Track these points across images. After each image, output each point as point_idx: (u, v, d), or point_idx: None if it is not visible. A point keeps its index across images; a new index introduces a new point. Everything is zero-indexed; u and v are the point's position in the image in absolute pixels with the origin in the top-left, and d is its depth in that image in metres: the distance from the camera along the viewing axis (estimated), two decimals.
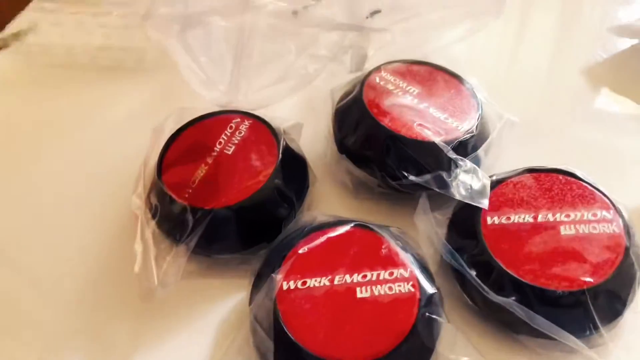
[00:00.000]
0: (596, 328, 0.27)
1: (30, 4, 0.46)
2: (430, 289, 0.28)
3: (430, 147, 0.32)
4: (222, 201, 0.31)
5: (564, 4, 0.50)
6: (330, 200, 0.36)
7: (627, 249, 0.29)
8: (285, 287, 0.27)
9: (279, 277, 0.28)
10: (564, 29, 0.48)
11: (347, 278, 0.28)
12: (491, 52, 0.44)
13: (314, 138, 0.37)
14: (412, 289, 0.27)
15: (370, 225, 0.30)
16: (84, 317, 0.31)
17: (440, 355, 0.27)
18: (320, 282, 0.27)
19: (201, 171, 0.33)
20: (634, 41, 0.42)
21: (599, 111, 0.42)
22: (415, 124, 0.33)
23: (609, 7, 0.48)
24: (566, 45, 0.46)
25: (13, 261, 0.34)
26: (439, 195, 0.32)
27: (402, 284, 0.27)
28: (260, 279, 0.29)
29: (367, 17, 0.34)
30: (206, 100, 0.34)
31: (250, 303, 0.29)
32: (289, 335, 0.26)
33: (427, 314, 0.27)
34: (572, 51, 0.46)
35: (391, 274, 0.28)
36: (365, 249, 0.29)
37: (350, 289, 0.27)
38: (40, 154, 0.40)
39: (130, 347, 0.30)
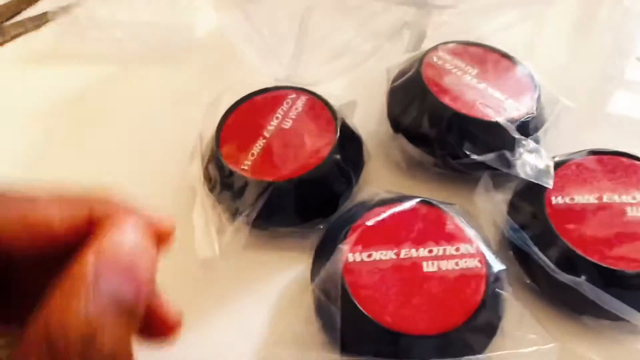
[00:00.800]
0: None
1: None
2: (497, 265, 0.27)
3: (494, 127, 0.32)
4: (283, 174, 0.31)
5: None
6: (384, 179, 0.36)
7: None
8: (351, 258, 0.27)
9: (345, 247, 0.28)
10: (618, 14, 0.47)
11: (413, 252, 0.27)
12: (544, 38, 0.43)
13: (365, 117, 0.37)
14: (479, 265, 0.27)
15: (435, 202, 0.29)
16: None
17: (507, 332, 0.27)
18: (386, 255, 0.27)
19: (259, 144, 0.32)
20: None
21: None
22: (477, 103, 0.33)
23: None
24: (621, 32, 0.46)
25: None
26: (496, 176, 0.32)
27: (468, 259, 0.27)
28: (323, 251, 0.29)
29: None
30: (263, 73, 0.34)
31: (312, 275, 0.29)
32: (358, 305, 0.26)
33: (495, 289, 0.27)
34: (628, 38, 0.45)
35: (457, 249, 0.27)
36: (431, 224, 0.29)
37: (417, 263, 0.27)
38: (95, 128, 0.40)
39: (189, 313, 0.30)
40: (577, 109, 0.36)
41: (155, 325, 0.22)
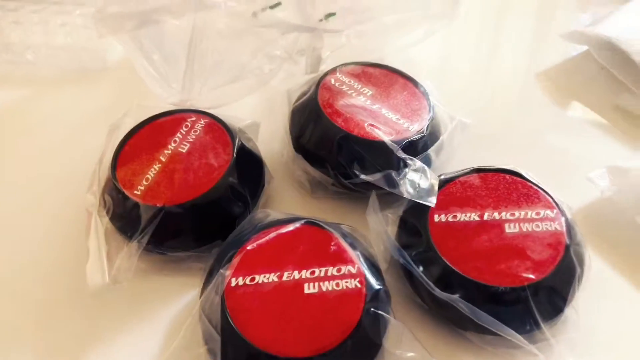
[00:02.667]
0: (537, 324, 0.28)
1: None
2: (376, 285, 0.28)
3: (380, 147, 0.33)
4: (175, 198, 0.31)
5: (519, 10, 0.52)
6: (287, 199, 0.37)
7: (567, 247, 0.29)
8: (233, 283, 0.28)
9: (227, 273, 0.28)
10: (518, 34, 0.49)
11: (296, 274, 0.28)
12: (446, 56, 0.45)
13: (271, 137, 0.38)
14: (359, 285, 0.28)
15: (321, 223, 0.30)
16: (35, 314, 0.31)
17: (386, 351, 0.28)
18: (268, 278, 0.28)
19: (155, 169, 0.33)
20: (584, 47, 0.43)
21: (549, 114, 0.43)
22: (366, 124, 0.34)
23: (562, 14, 0.50)
24: (520, 50, 0.48)
25: None
26: (392, 194, 0.32)
27: (349, 280, 0.28)
28: (210, 276, 0.29)
29: (321, 20, 0.34)
30: (161, 98, 0.34)
31: (200, 299, 0.29)
32: (236, 330, 0.26)
33: (372, 309, 0.27)
34: (525, 56, 0.47)
35: (339, 270, 0.28)
36: (315, 246, 0.29)
37: (298, 285, 0.28)
38: (2, 150, 0.40)
39: (80, 344, 0.30)
40: (474, 126, 0.37)
41: None
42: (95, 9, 0.29)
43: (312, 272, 0.28)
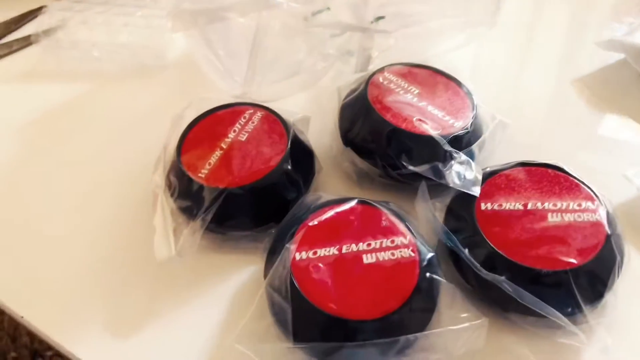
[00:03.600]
0: (579, 307, 0.30)
1: (61, 3, 0.49)
2: (428, 253, 0.30)
3: (428, 140, 0.35)
4: (236, 182, 0.34)
5: (557, 18, 0.54)
6: (335, 189, 0.39)
7: (608, 236, 0.31)
8: (298, 257, 0.30)
9: (292, 247, 0.30)
10: (557, 41, 0.51)
11: (354, 247, 0.30)
12: (487, 61, 0.47)
13: (320, 131, 0.40)
14: (412, 254, 0.30)
15: (371, 201, 0.32)
16: (107, 283, 0.34)
17: (441, 312, 0.30)
18: (329, 251, 0.30)
19: (216, 155, 0.35)
20: (620, 55, 0.45)
21: (586, 118, 0.45)
22: (415, 119, 0.36)
23: (601, 22, 0.52)
24: (556, 56, 0.50)
25: (47, 230, 0.37)
26: (438, 186, 0.34)
27: (403, 249, 0.30)
28: (273, 252, 0.32)
29: (372, 22, 0.37)
30: (222, 90, 0.37)
31: (265, 274, 0.31)
32: (306, 298, 0.28)
33: (427, 274, 0.30)
34: (564, 62, 0.49)
35: (392, 241, 0.31)
36: (368, 221, 0.32)
37: (357, 256, 0.30)
38: (73, 138, 0.43)
39: (147, 312, 0.32)
40: (514, 126, 0.39)
41: None
42: (171, 6, 0.32)
43: (369, 244, 0.30)
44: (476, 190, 0.33)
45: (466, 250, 0.32)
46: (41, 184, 0.40)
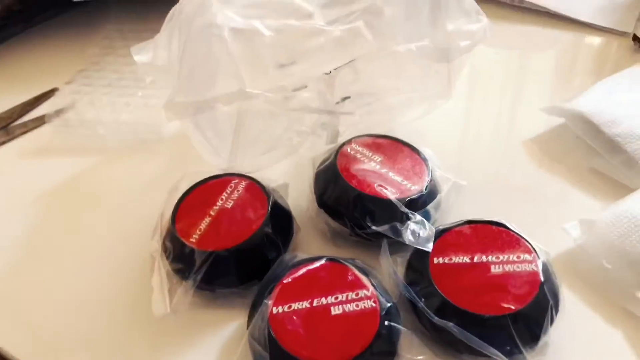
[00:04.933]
0: (518, 348, 0.34)
1: (71, 86, 0.55)
2: (387, 303, 0.35)
3: (388, 203, 0.40)
4: (222, 245, 0.39)
5: (506, 86, 0.60)
6: (311, 246, 0.44)
7: (542, 284, 0.35)
8: (275, 311, 0.35)
9: (270, 302, 0.35)
10: (506, 106, 0.57)
11: (323, 300, 0.35)
12: (444, 128, 0.52)
13: (298, 196, 0.45)
14: (374, 304, 0.35)
15: (339, 259, 0.38)
16: (109, 338, 0.38)
17: (401, 355, 0.34)
18: (302, 304, 0.35)
19: (206, 221, 0.40)
20: (561, 120, 0.51)
21: (534, 175, 0.49)
22: (376, 185, 0.41)
23: (546, 89, 0.59)
24: (507, 120, 0.55)
25: (56, 294, 0.42)
26: (399, 243, 0.39)
27: (365, 301, 0.35)
28: (254, 307, 0.36)
29: (337, 102, 0.43)
30: (212, 165, 0.43)
31: (248, 326, 0.36)
32: (281, 346, 0.33)
33: (386, 322, 0.34)
34: (513, 126, 0.55)
35: (357, 294, 0.35)
36: (336, 277, 0.36)
37: (326, 308, 0.35)
38: (79, 210, 0.48)
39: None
40: (469, 186, 0.44)
41: None
42: (166, 99, 0.38)
43: (336, 297, 0.35)
44: (429, 247, 0.38)
45: (422, 300, 0.36)
46: (52, 250, 0.45)
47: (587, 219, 0.42)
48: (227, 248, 0.39)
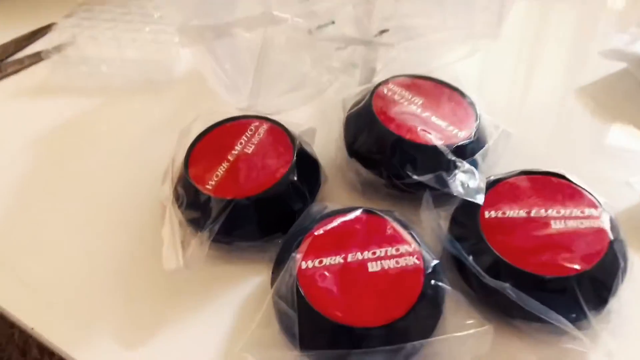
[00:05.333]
0: (583, 312, 0.30)
1: (71, 20, 0.50)
2: (432, 260, 0.31)
3: (432, 150, 0.35)
4: (242, 193, 0.34)
5: (561, 28, 0.55)
6: (340, 198, 0.39)
7: (611, 242, 0.31)
8: (304, 265, 0.31)
9: (298, 256, 0.31)
10: (560, 51, 0.52)
11: (359, 255, 0.31)
12: (490, 72, 0.48)
13: (326, 142, 0.40)
14: (417, 262, 0.31)
15: (376, 210, 0.33)
16: (116, 294, 0.34)
17: (446, 319, 0.30)
18: (335, 259, 0.31)
19: (223, 167, 0.36)
20: (623, 64, 0.46)
21: (589, 127, 0.45)
22: (419, 129, 0.36)
23: (605, 32, 0.53)
24: (559, 66, 0.50)
25: (56, 243, 0.38)
26: (443, 195, 0.35)
27: (407, 257, 0.31)
28: (280, 261, 0.32)
29: (375, 35, 0.38)
30: (229, 103, 0.38)
31: (272, 283, 0.32)
32: (311, 306, 0.29)
33: (432, 281, 0.30)
34: (568, 72, 0.50)
35: (397, 249, 0.31)
36: (373, 230, 0.32)
37: (362, 265, 0.30)
38: (82, 152, 0.44)
39: (159, 320, 0.33)
40: (518, 135, 0.39)
41: None
42: (179, 22, 0.33)
43: (374, 253, 0.31)
44: (480, 199, 0.33)
45: (470, 258, 0.32)
46: (51, 198, 0.41)
47: None
48: (248, 196, 0.34)
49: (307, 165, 0.37)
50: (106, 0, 0.53)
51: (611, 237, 0.32)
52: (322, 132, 0.40)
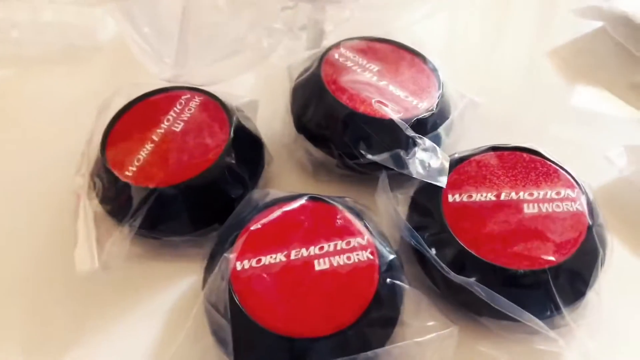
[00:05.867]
0: (558, 309, 0.27)
1: None
2: (389, 254, 0.27)
3: (388, 125, 0.31)
4: (169, 180, 0.30)
5: None
6: (288, 181, 0.35)
7: (589, 228, 0.28)
8: (239, 267, 0.26)
9: (231, 256, 0.26)
10: (529, 10, 0.48)
11: (304, 252, 0.27)
12: (454, 34, 0.44)
13: (271, 117, 0.36)
14: (371, 256, 0.27)
15: (324, 197, 0.29)
16: (24, 302, 0.30)
17: (405, 322, 0.27)
18: (275, 258, 0.26)
19: (147, 148, 0.31)
20: (598, 24, 0.42)
21: (562, 93, 0.42)
22: (374, 101, 0.32)
23: None
24: (530, 27, 0.47)
25: None
26: (401, 175, 0.31)
27: (360, 252, 0.27)
28: (212, 261, 0.28)
29: None
30: (152, 74, 0.32)
31: (203, 286, 0.27)
32: (247, 315, 0.25)
33: (388, 279, 0.26)
34: (536, 33, 0.46)
35: (348, 243, 0.27)
36: (321, 221, 0.28)
37: (308, 263, 0.26)
38: None
39: (72, 332, 0.28)
40: (486, 105, 0.35)
41: None
42: None
43: (321, 248, 0.27)
44: (442, 181, 0.29)
45: (432, 250, 0.28)
46: None
47: (634, 145, 0.34)
48: (175, 184, 0.30)
49: (247, 144, 0.33)
50: None
51: (589, 221, 0.28)
52: (266, 105, 0.36)
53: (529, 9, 0.48)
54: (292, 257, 0.26)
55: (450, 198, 0.29)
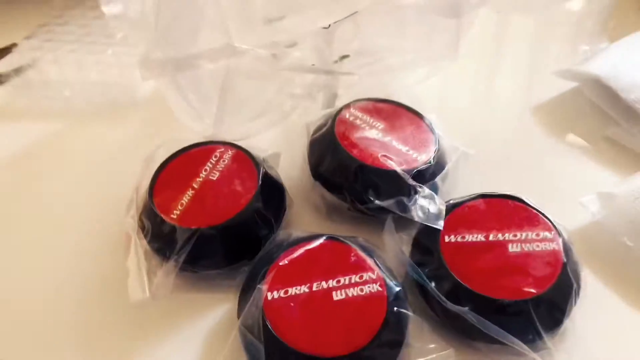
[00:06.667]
0: (539, 334, 0.31)
1: (32, 41, 0.49)
2: (395, 287, 0.32)
3: (392, 175, 0.36)
4: (208, 221, 0.34)
5: (517, 46, 0.56)
6: (306, 222, 0.40)
7: (564, 265, 0.32)
8: (270, 296, 0.31)
9: (264, 287, 0.31)
10: (515, 71, 0.53)
11: (324, 284, 0.31)
12: (449, 92, 0.49)
13: (290, 166, 0.41)
14: (380, 288, 0.31)
15: (340, 237, 0.34)
16: (80, 327, 0.34)
17: (410, 345, 0.31)
18: (300, 289, 0.31)
19: (188, 195, 0.36)
20: (574, 84, 0.47)
21: (544, 145, 0.46)
22: (380, 155, 0.37)
23: (557, 51, 0.55)
24: (516, 85, 0.51)
25: (18, 273, 0.37)
26: (405, 219, 0.35)
27: (371, 285, 0.31)
28: (246, 292, 0.32)
29: (335, 62, 0.38)
30: (194, 132, 0.38)
31: (238, 313, 0.32)
32: (277, 337, 0.29)
33: (395, 308, 0.31)
34: (522, 91, 0.51)
35: (361, 277, 0.32)
36: (337, 258, 0.33)
37: (327, 293, 0.31)
38: (41, 182, 0.43)
39: (122, 354, 0.33)
40: (476, 156, 0.41)
41: None
42: (140, 55, 0.32)
43: (338, 281, 0.31)
44: (440, 224, 0.34)
45: (432, 283, 0.33)
46: (9, 227, 0.40)
47: (606, 192, 0.38)
48: (213, 225, 0.34)
49: (272, 191, 0.38)
50: (67, 19, 0.52)
51: (564, 259, 0.33)
52: (287, 156, 0.41)
53: (515, 70, 0.53)
54: (314, 288, 0.31)
55: (447, 238, 0.34)
